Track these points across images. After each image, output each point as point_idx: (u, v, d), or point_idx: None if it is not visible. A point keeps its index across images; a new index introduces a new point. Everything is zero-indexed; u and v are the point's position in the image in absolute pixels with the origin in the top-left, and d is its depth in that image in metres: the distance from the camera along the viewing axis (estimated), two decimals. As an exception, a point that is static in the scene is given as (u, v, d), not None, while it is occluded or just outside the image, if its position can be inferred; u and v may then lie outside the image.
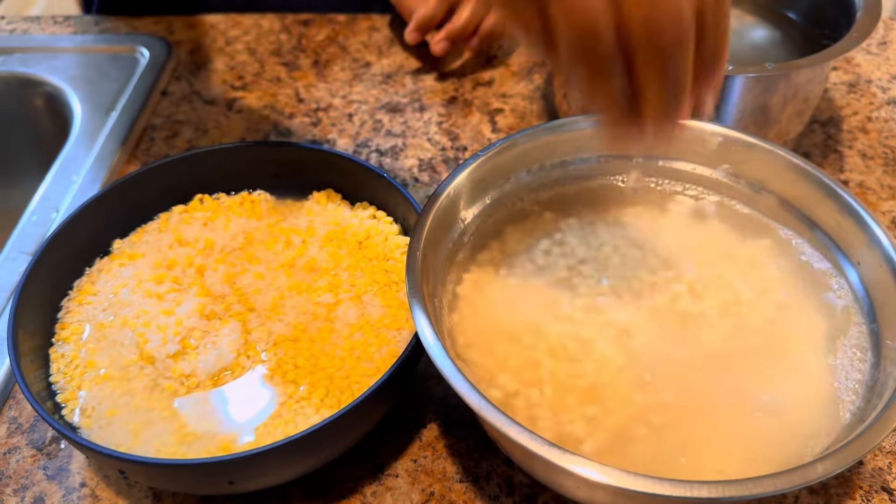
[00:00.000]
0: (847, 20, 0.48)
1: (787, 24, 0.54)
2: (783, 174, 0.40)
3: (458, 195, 0.39)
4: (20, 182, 0.68)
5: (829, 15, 0.51)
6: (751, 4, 0.54)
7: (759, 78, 0.45)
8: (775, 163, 0.40)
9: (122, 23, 0.69)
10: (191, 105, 0.61)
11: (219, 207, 0.47)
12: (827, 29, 0.52)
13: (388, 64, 0.64)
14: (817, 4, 0.52)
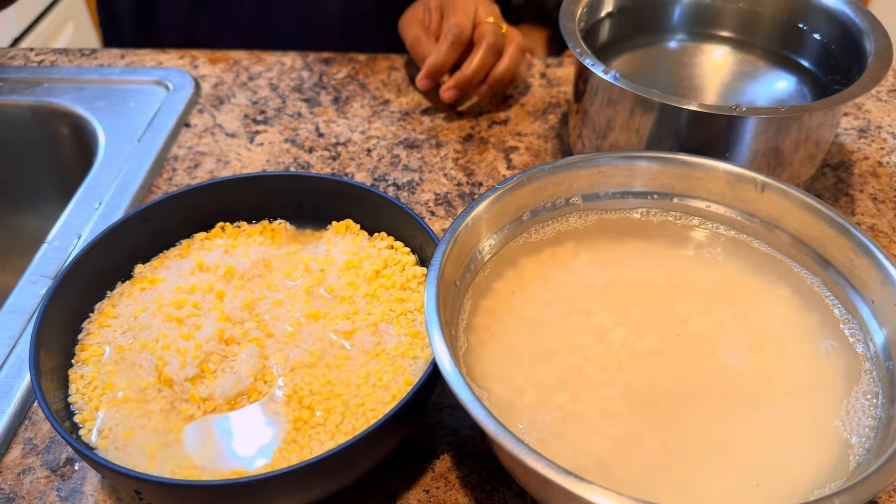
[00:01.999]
0: (859, 66, 0.49)
1: (800, 70, 0.55)
2: (796, 213, 0.40)
3: (475, 226, 0.40)
4: (43, 208, 0.69)
5: (841, 61, 0.52)
6: (762, 51, 0.55)
7: (771, 120, 0.46)
8: (788, 202, 0.41)
9: (148, 56, 0.71)
10: (213, 137, 0.62)
11: (240, 235, 0.48)
12: (839, 75, 0.53)
13: (406, 102, 0.66)
14: (829, 51, 0.54)
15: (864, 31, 0.51)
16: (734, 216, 0.42)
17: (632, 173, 0.43)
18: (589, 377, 0.37)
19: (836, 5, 0.53)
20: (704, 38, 0.56)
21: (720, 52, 0.56)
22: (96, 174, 0.60)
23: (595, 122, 0.52)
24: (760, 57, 0.55)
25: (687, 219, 0.43)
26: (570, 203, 0.43)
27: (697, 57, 0.55)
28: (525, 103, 0.65)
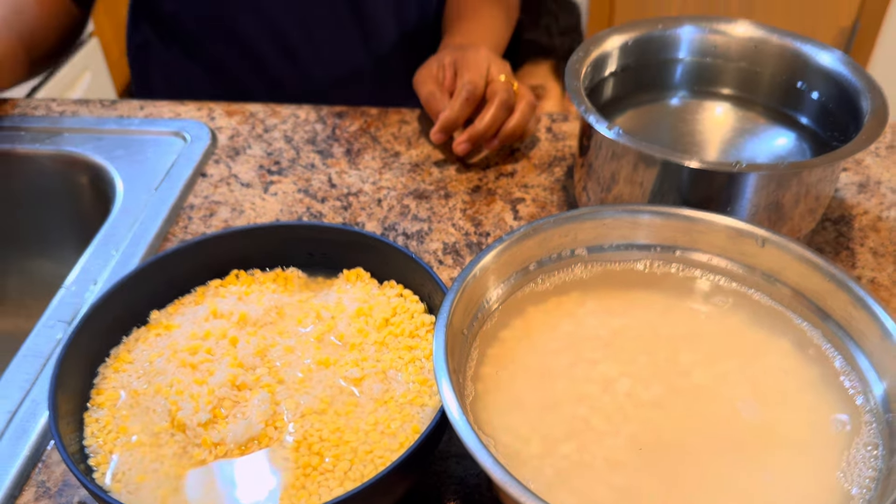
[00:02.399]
0: (856, 124, 0.51)
1: (799, 127, 0.56)
2: (796, 266, 0.41)
3: (483, 276, 0.41)
4: (59, 254, 0.71)
5: (839, 119, 0.54)
6: (763, 108, 0.57)
7: (771, 176, 0.48)
8: (788, 255, 0.42)
9: (166, 108, 0.73)
10: (228, 187, 0.64)
11: (253, 282, 0.49)
12: (837, 132, 0.54)
13: (416, 154, 0.68)
14: (827, 109, 0.55)
15: (861, 90, 0.52)
16: (736, 269, 0.43)
17: (635, 226, 0.44)
18: (595, 427, 0.38)
19: (834, 66, 0.54)
20: (706, 96, 0.58)
21: (721, 109, 0.58)
22: (114, 222, 0.61)
23: (599, 175, 0.54)
24: (761, 114, 0.57)
25: (689, 271, 0.44)
26: (575, 254, 0.44)
27: (699, 114, 0.57)
28: (532, 156, 0.67)
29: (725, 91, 0.58)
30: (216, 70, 0.81)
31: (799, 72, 0.56)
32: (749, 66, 0.57)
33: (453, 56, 0.66)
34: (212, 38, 0.79)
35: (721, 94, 0.58)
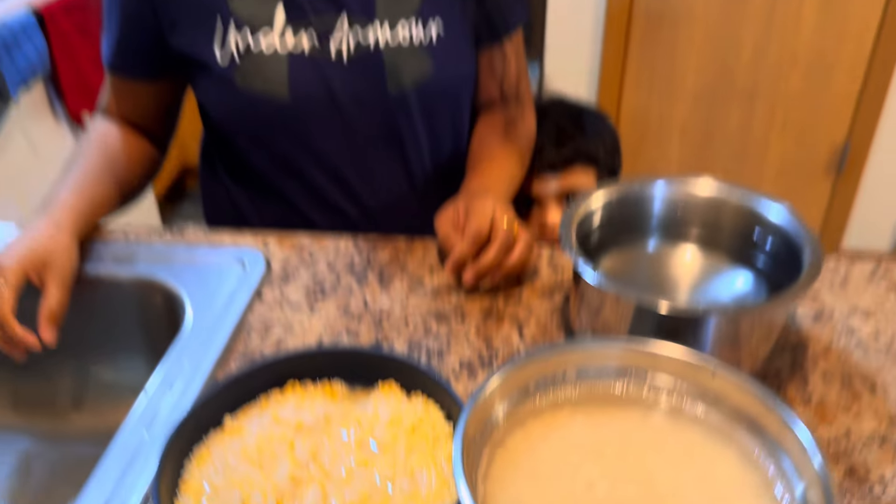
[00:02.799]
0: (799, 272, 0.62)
1: (756, 269, 0.68)
2: (740, 393, 0.52)
3: (491, 395, 0.52)
4: (132, 365, 0.83)
5: (787, 265, 0.65)
6: (725, 252, 0.69)
7: (725, 316, 0.59)
8: (734, 383, 0.52)
9: (228, 237, 0.87)
10: (280, 308, 0.76)
11: (306, 393, 0.60)
12: (786, 275, 0.66)
13: (437, 281, 0.80)
14: (778, 256, 0.67)
15: (803, 244, 0.64)
16: (693, 392, 0.54)
17: (613, 355, 0.55)
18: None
19: (783, 222, 0.67)
20: (677, 243, 0.70)
21: (689, 253, 0.70)
22: (184, 338, 0.73)
23: (589, 304, 0.66)
24: (723, 258, 0.69)
25: (656, 392, 0.55)
26: (566, 377, 0.55)
27: (671, 258, 0.69)
28: (535, 284, 0.79)
29: (693, 238, 0.70)
30: (280, 199, 0.95)
31: (754, 223, 0.68)
32: (712, 219, 0.69)
33: (466, 202, 0.79)
34: (277, 173, 0.93)
35: (689, 240, 0.70)
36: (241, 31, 0.84)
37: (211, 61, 0.85)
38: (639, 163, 2.46)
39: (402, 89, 0.89)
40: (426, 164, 0.96)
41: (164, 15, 0.85)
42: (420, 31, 0.88)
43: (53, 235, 0.77)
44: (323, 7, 0.85)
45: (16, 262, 0.73)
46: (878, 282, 0.79)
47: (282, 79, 0.85)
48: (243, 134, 0.91)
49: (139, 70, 0.91)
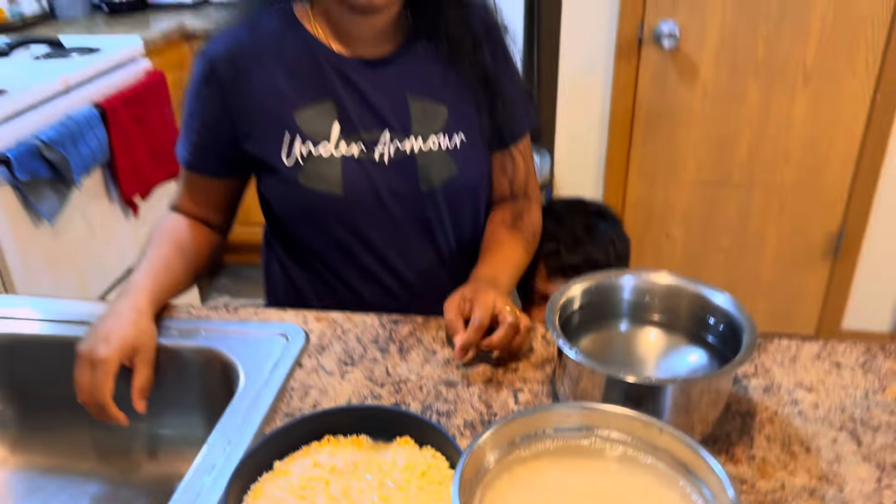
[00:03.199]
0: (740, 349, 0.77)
1: (709, 346, 0.83)
2: (681, 447, 0.66)
3: (484, 445, 0.67)
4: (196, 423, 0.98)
5: (732, 342, 0.80)
6: (683, 332, 0.84)
7: (679, 383, 0.74)
8: (677, 440, 0.66)
9: (275, 314, 1.03)
10: (317, 375, 0.92)
11: (338, 443, 0.75)
12: (732, 350, 0.80)
13: (448, 353, 0.95)
14: (725, 335, 0.82)
15: (743, 326, 0.79)
16: (644, 445, 0.68)
17: (583, 416, 0.70)
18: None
19: (727, 307, 0.82)
20: (643, 324, 0.85)
21: (654, 333, 0.85)
22: (238, 398, 0.89)
23: (570, 376, 0.80)
24: (682, 337, 0.84)
25: (616, 446, 0.69)
26: (545, 433, 0.70)
27: (639, 337, 0.84)
28: (530, 358, 0.94)
29: (656, 320, 0.86)
30: (333, 276, 1.13)
31: (705, 308, 0.83)
32: (671, 304, 0.85)
33: (472, 292, 0.95)
34: (331, 254, 1.11)
35: (653, 321, 0.86)
36: (305, 142, 1.04)
37: (279, 165, 1.04)
38: (644, 246, 2.61)
39: (432, 186, 1.08)
40: (452, 244, 1.15)
41: (240, 125, 1.05)
42: (446, 141, 1.08)
43: (137, 322, 0.94)
44: (370, 124, 1.05)
45: (112, 352, 0.90)
46: (822, 361, 0.93)
47: (337, 178, 1.04)
48: (303, 222, 1.10)
49: (212, 169, 1.10)
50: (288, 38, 1.06)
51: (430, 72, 1.09)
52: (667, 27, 2.24)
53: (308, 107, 1.04)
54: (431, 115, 1.08)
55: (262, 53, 1.04)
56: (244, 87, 1.04)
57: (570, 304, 0.85)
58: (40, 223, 1.98)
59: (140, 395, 0.92)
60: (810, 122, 2.35)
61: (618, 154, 2.47)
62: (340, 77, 1.05)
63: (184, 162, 1.11)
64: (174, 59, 2.69)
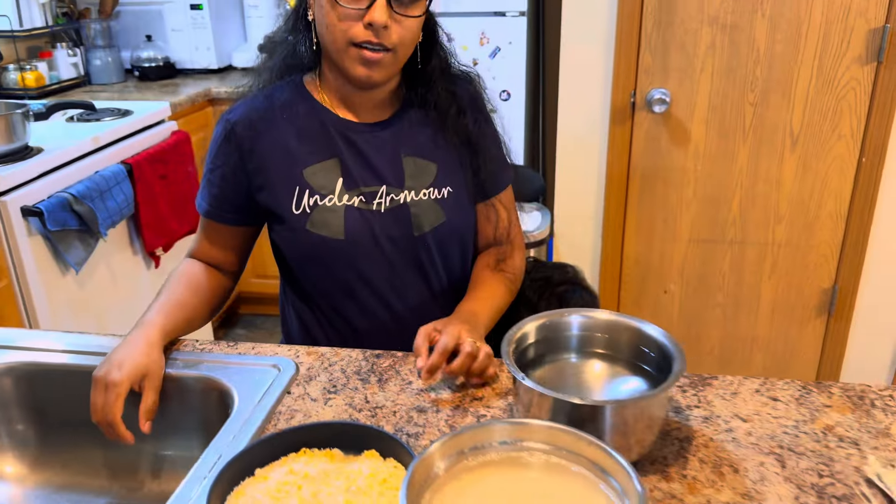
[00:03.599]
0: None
1: (647, 374, 0.93)
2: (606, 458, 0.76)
3: (434, 454, 0.76)
4: (195, 444, 1.09)
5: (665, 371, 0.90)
6: (624, 363, 0.94)
7: (615, 407, 0.83)
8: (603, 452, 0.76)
9: (269, 349, 1.15)
10: (303, 401, 1.03)
11: (313, 455, 0.85)
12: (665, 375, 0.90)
13: (421, 383, 1.06)
14: (659, 363, 0.91)
15: (674, 355, 0.89)
16: (577, 458, 0.78)
17: (524, 431, 0.80)
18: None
19: (661, 338, 0.92)
20: (589, 356, 0.96)
21: (599, 365, 0.95)
22: (232, 420, 0.99)
23: (522, 400, 0.90)
24: (623, 366, 0.94)
25: (551, 457, 0.78)
26: (491, 445, 0.80)
27: (586, 367, 0.94)
28: (495, 388, 1.04)
29: (600, 352, 0.96)
30: (334, 312, 1.26)
31: (641, 341, 0.94)
32: (612, 337, 0.95)
33: (444, 324, 1.06)
34: (334, 293, 1.24)
35: (598, 353, 0.96)
36: (313, 195, 1.18)
37: (289, 214, 1.18)
38: (643, 302, 2.70)
39: (423, 231, 1.21)
40: (443, 284, 1.28)
41: (255, 180, 1.20)
42: (436, 193, 1.22)
43: (147, 352, 1.06)
44: (370, 180, 1.19)
45: (124, 376, 1.02)
46: (761, 395, 1.02)
47: (339, 225, 1.18)
48: (310, 264, 1.23)
49: (228, 218, 1.24)
50: (299, 105, 1.21)
51: (422, 134, 1.23)
52: (658, 93, 2.38)
53: (315, 164, 1.19)
54: (423, 171, 1.22)
55: (276, 118, 1.20)
56: (260, 146, 1.19)
57: (525, 338, 0.95)
58: (67, 272, 2.13)
59: (146, 417, 1.03)
60: (799, 183, 2.46)
61: (615, 212, 2.59)
62: (344, 139, 1.20)
63: (203, 211, 1.25)
64: (199, 121, 2.88)
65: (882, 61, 2.28)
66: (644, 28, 2.36)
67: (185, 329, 1.18)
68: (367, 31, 1.09)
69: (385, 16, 1.07)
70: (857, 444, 0.92)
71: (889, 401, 1.01)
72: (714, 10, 2.30)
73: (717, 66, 2.36)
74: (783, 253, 2.55)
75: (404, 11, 1.10)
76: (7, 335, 1.21)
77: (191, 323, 1.19)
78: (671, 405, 1.00)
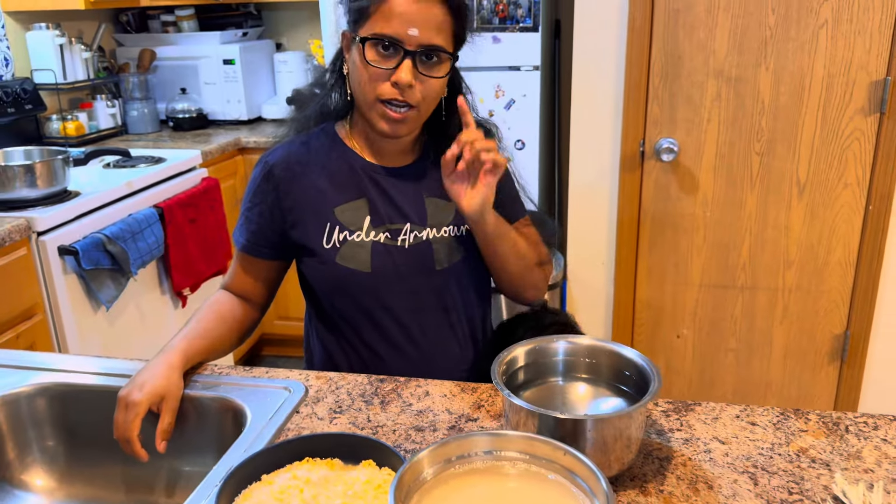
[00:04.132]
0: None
1: (628, 395, 0.99)
2: (580, 466, 0.82)
3: (422, 460, 0.84)
4: (210, 461, 1.16)
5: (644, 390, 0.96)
6: (606, 384, 1.01)
7: (594, 420, 0.90)
8: (578, 461, 0.83)
9: (282, 373, 1.23)
10: (310, 419, 1.10)
11: (315, 463, 0.93)
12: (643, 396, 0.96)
13: (422, 406, 1.13)
14: (638, 385, 0.98)
15: (651, 376, 0.95)
16: (554, 465, 0.84)
17: (506, 442, 0.86)
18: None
19: (639, 361, 0.98)
20: (574, 379, 1.02)
21: (583, 387, 1.02)
22: (244, 436, 1.07)
23: (511, 418, 0.97)
24: (605, 388, 1.00)
25: (530, 465, 0.85)
26: (476, 454, 0.87)
27: (571, 389, 1.01)
28: (489, 410, 1.11)
29: (583, 376, 1.03)
30: (360, 342, 1.34)
31: (621, 364, 1.00)
32: (593, 361, 1.02)
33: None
34: (359, 323, 1.33)
35: (581, 378, 1.02)
36: (342, 231, 1.28)
37: (319, 248, 1.29)
38: (656, 346, 2.75)
39: (444, 266, 1.31)
40: (461, 315, 1.37)
41: (289, 217, 1.32)
42: (456, 230, 1.31)
43: (168, 375, 1.15)
44: (395, 218, 1.30)
45: (144, 397, 1.11)
46: (740, 420, 1.08)
47: (366, 259, 1.28)
48: (337, 295, 1.33)
49: (263, 252, 1.35)
50: (331, 150, 1.33)
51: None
52: (666, 143, 2.47)
53: (345, 204, 1.30)
54: (443, 211, 1.33)
55: (310, 162, 1.32)
56: (295, 187, 1.31)
57: (514, 361, 1.03)
58: (98, 308, 2.24)
59: (161, 437, 1.12)
60: (807, 230, 2.51)
61: (626, 257, 2.66)
62: (371, 181, 1.32)
63: (240, 245, 1.36)
64: (228, 169, 3.03)
65: (885, 112, 2.35)
66: (651, 81, 2.46)
67: (208, 356, 1.27)
68: (394, 90, 1.20)
69: (410, 76, 1.18)
70: (829, 465, 0.97)
71: (863, 427, 1.06)
72: (719, 64, 2.40)
73: (723, 116, 2.45)
74: (794, 298, 2.59)
75: (428, 72, 1.21)
76: (43, 358, 1.31)
77: (213, 351, 1.28)
78: (654, 428, 1.06)
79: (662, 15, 2.40)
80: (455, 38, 1.24)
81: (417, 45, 1.18)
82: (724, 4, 2.35)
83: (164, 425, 1.12)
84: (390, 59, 1.19)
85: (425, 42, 1.18)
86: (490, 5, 2.62)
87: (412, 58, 1.18)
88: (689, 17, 2.39)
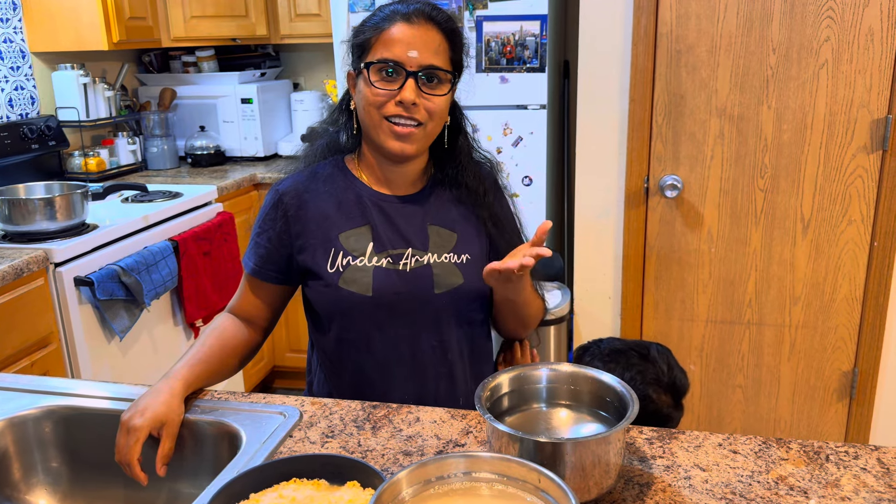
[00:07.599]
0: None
1: (608, 421, 1.02)
2: (554, 487, 0.85)
3: (401, 480, 0.87)
4: (206, 483, 1.20)
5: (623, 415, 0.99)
6: (587, 410, 1.03)
7: (573, 443, 0.93)
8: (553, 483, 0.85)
9: (278, 399, 1.27)
10: (302, 443, 1.14)
11: (302, 484, 0.96)
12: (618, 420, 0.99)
13: (411, 431, 1.16)
14: (618, 411, 1.01)
15: (629, 402, 0.98)
16: (530, 486, 0.87)
17: (482, 464, 0.89)
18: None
19: (618, 387, 1.01)
20: (556, 406, 1.05)
21: (565, 413, 1.04)
22: (238, 458, 1.11)
23: (493, 443, 1.00)
24: (585, 413, 1.03)
25: (505, 486, 0.88)
26: (454, 476, 0.89)
27: (553, 415, 1.04)
28: (477, 436, 1.14)
29: (565, 403, 1.05)
30: (355, 366, 1.38)
31: (601, 390, 1.03)
32: (575, 388, 1.05)
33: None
34: (356, 347, 1.37)
35: (563, 404, 1.05)
36: (346, 256, 1.33)
37: (323, 272, 1.34)
38: (663, 380, 2.75)
39: (443, 291, 1.35)
40: (461, 343, 1.40)
41: (297, 242, 1.37)
42: (456, 258, 1.36)
43: (169, 402, 1.19)
44: (397, 244, 1.35)
45: (145, 422, 1.15)
46: (722, 448, 1.10)
47: (368, 283, 1.33)
48: (339, 317, 1.37)
49: (271, 276, 1.40)
50: (338, 180, 1.40)
51: (445, 208, 1.41)
52: (670, 179, 2.51)
53: (350, 230, 1.36)
54: (445, 239, 1.38)
55: (318, 190, 1.38)
56: (303, 213, 1.37)
57: (498, 388, 1.06)
58: (112, 338, 2.30)
59: (162, 462, 1.16)
60: (813, 266, 2.52)
61: (633, 291, 2.68)
62: (377, 209, 1.38)
63: (249, 269, 1.41)
64: (244, 204, 3.10)
65: (888, 150, 2.37)
66: (655, 119, 2.51)
67: (209, 381, 1.31)
68: (399, 108, 1.28)
69: (413, 94, 1.26)
70: (806, 493, 0.99)
71: (844, 456, 1.07)
72: (721, 103, 2.45)
73: (726, 154, 2.48)
74: (801, 335, 2.59)
75: (430, 91, 1.29)
76: (51, 383, 1.36)
77: (215, 375, 1.33)
78: (637, 455, 1.08)
79: (665, 55, 2.46)
80: (452, 62, 1.32)
81: (418, 65, 1.26)
82: (725, 45, 2.40)
83: (165, 450, 1.16)
84: (394, 81, 1.27)
85: (425, 63, 1.26)
86: (498, 47, 2.70)
87: (414, 78, 1.26)
88: (690, 57, 2.44)
